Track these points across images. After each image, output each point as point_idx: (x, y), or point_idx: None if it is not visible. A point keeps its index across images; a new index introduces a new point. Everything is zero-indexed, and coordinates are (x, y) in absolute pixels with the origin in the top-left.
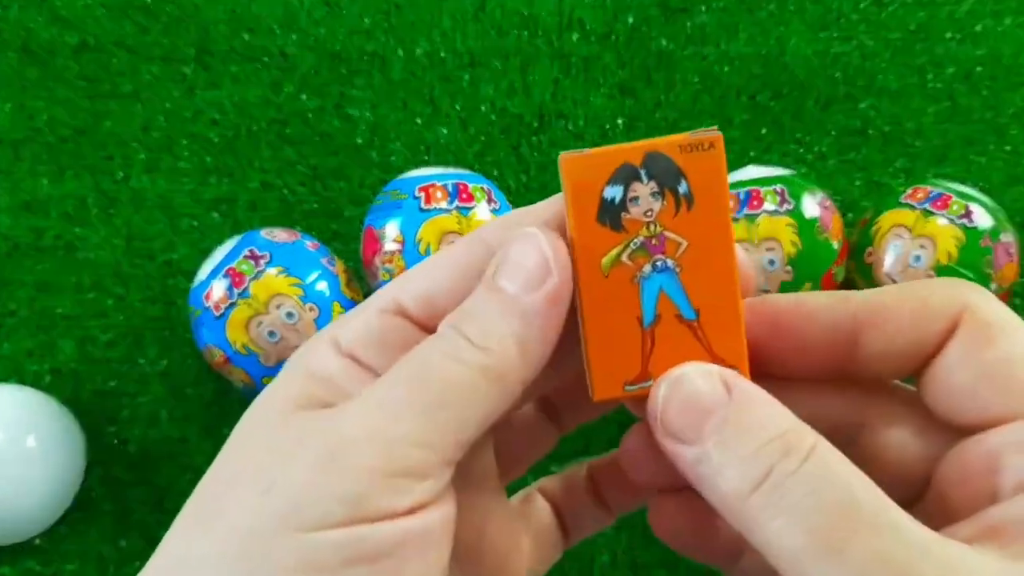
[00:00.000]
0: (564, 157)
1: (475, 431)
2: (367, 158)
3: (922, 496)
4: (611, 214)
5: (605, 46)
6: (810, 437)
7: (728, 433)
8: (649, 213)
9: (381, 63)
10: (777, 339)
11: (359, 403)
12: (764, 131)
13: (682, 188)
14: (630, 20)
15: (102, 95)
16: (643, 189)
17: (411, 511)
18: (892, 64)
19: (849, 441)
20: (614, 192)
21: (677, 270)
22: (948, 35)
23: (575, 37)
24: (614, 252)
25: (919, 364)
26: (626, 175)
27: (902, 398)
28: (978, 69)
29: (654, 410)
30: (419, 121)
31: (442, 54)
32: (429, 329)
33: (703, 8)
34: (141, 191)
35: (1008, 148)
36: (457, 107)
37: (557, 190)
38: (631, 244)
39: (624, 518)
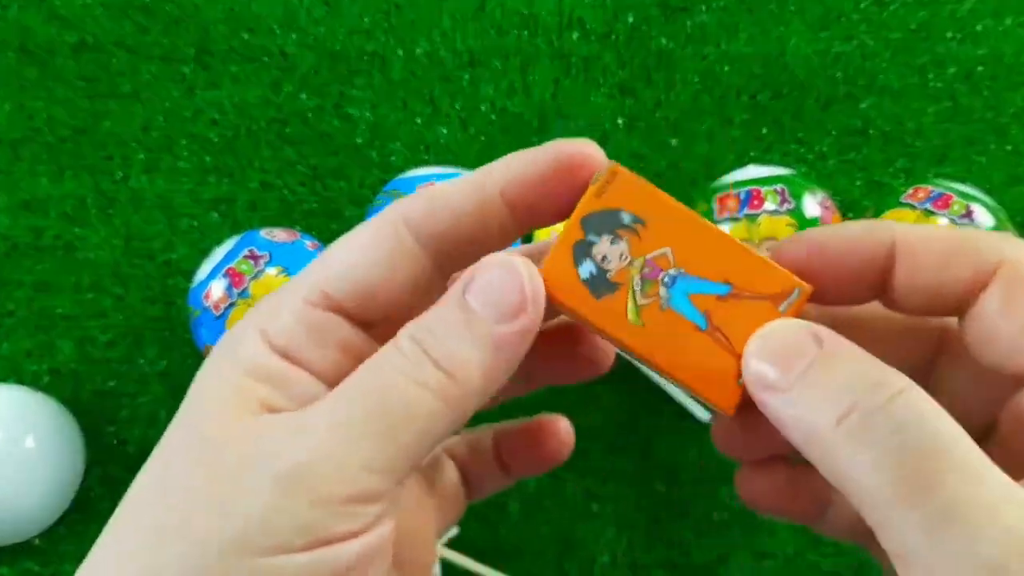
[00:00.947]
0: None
1: (428, 452)
2: (367, 158)
3: (988, 440)
4: (600, 284)
5: (605, 46)
6: (901, 380)
7: (815, 374)
8: (623, 257)
9: (381, 63)
10: (822, 268)
11: (314, 422)
12: (764, 131)
13: (626, 219)
14: (630, 19)
15: (101, 95)
16: (603, 247)
17: (366, 529)
18: (893, 64)
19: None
20: (588, 269)
21: (682, 270)
22: (949, 35)
23: (575, 37)
24: (630, 306)
25: (950, 306)
26: (583, 250)
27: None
28: (979, 69)
29: (748, 366)
30: (419, 121)
31: (442, 54)
32: (359, 320)
33: (703, 8)
34: (140, 191)
35: (1009, 148)
36: (457, 107)
37: None
38: (634, 288)
39: (624, 519)
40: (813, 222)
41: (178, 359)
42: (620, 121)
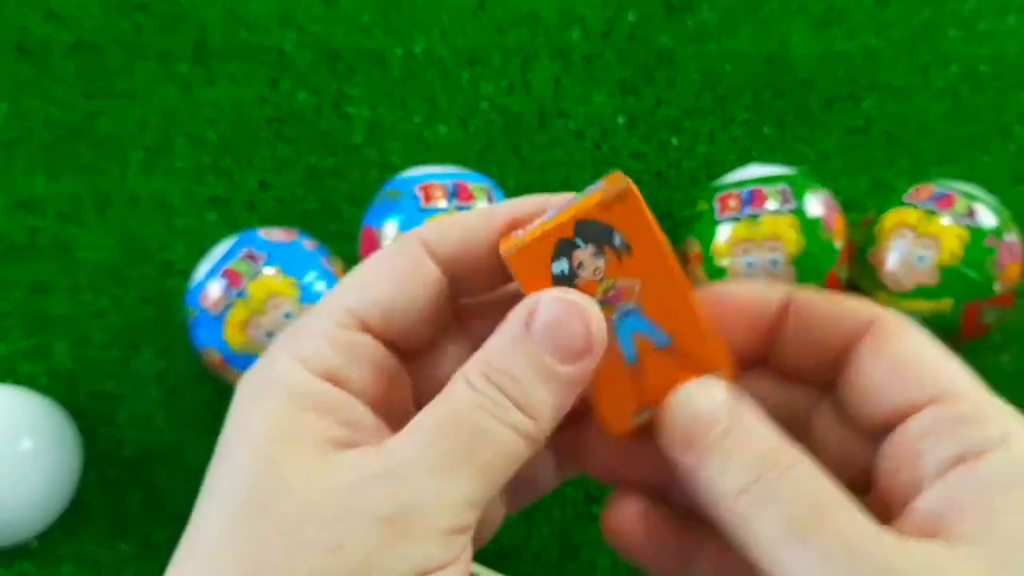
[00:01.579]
0: (505, 252)
1: (505, 484)
2: (366, 157)
3: (868, 491)
4: (564, 284)
5: (606, 44)
6: (796, 451)
7: (728, 444)
8: (597, 272)
9: (380, 61)
10: (721, 316)
11: (406, 461)
12: (767, 130)
13: (616, 241)
14: (631, 17)
15: (98, 94)
16: (584, 255)
17: (460, 556)
18: (896, 62)
19: (801, 433)
20: (560, 267)
21: (640, 309)
22: (952, 33)
23: (576, 35)
24: None
25: (831, 360)
26: (566, 248)
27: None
28: (982, 68)
29: (664, 428)
30: (418, 120)
31: (441, 52)
32: (383, 339)
33: (705, 5)
34: (137, 190)
35: (1013, 147)
36: (456, 105)
37: (557, 189)
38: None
39: None
40: (815, 221)
41: (175, 360)
42: (621, 120)
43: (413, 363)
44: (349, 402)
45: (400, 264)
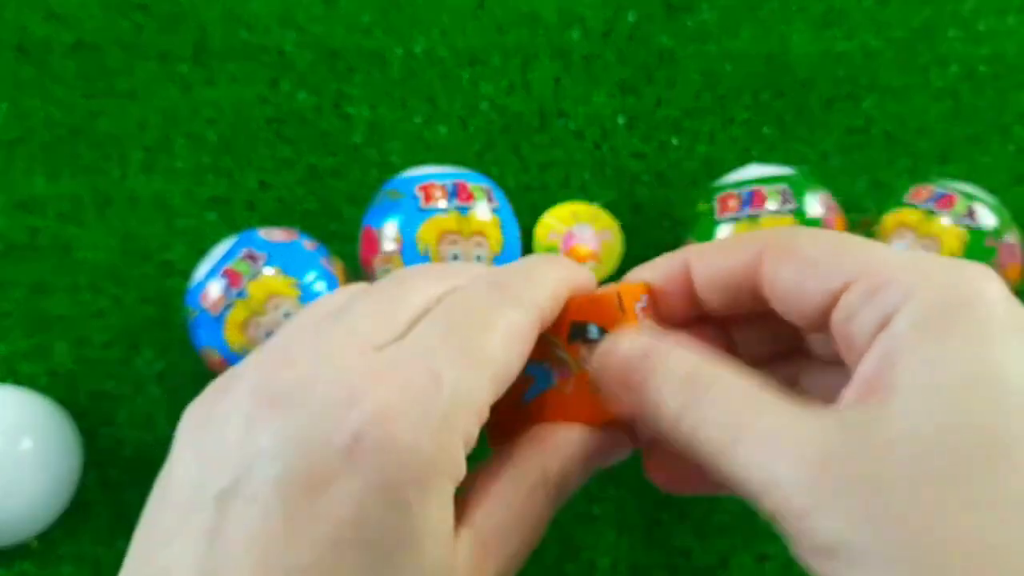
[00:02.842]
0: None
1: None
2: (365, 157)
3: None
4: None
5: (606, 44)
6: (712, 367)
7: (654, 379)
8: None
9: (380, 61)
10: (702, 272)
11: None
12: (766, 130)
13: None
14: (631, 17)
15: (98, 94)
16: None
17: None
18: (895, 62)
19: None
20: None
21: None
22: (952, 33)
23: (576, 34)
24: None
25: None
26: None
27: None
28: (982, 68)
29: (602, 379)
30: (418, 120)
31: (441, 52)
32: None
33: (705, 5)
34: (137, 191)
35: (1012, 147)
36: (456, 105)
37: (557, 189)
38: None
39: (625, 522)
40: (815, 222)
41: (176, 360)
42: (621, 120)
43: None
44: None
45: (531, 339)
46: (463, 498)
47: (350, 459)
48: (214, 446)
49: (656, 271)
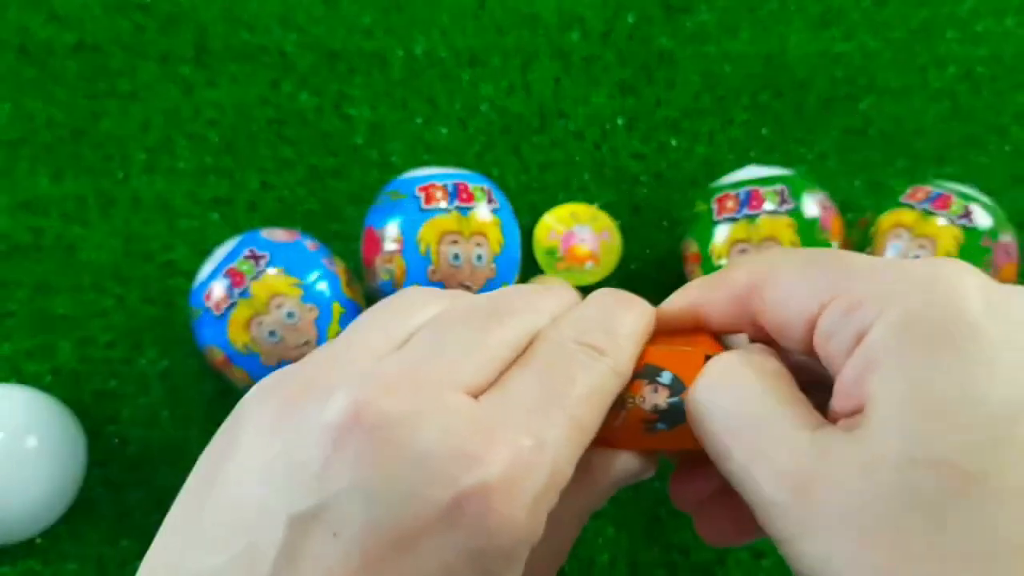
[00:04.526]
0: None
1: None
2: (366, 158)
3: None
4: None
5: (606, 44)
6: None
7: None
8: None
9: (380, 62)
10: (711, 301)
11: None
12: (765, 131)
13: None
14: (631, 19)
15: (100, 95)
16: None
17: None
18: (893, 63)
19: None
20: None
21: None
22: (950, 34)
23: (576, 35)
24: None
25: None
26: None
27: None
28: (979, 69)
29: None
30: (419, 120)
31: (442, 53)
32: None
33: (704, 7)
34: (140, 191)
35: (1009, 148)
36: (457, 106)
37: (557, 189)
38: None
39: (624, 518)
40: (813, 222)
41: (179, 359)
42: (620, 120)
43: None
44: None
45: (613, 399)
46: None
47: (448, 520)
48: (293, 456)
49: (666, 317)
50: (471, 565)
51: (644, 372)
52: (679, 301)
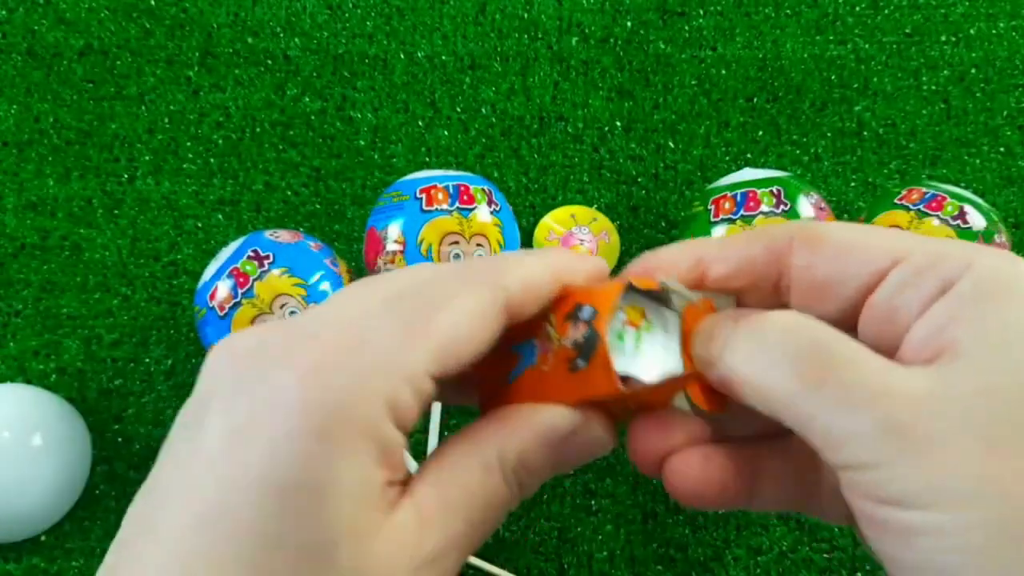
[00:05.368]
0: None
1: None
2: (369, 160)
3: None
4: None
5: (604, 49)
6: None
7: (732, 344)
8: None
9: (383, 66)
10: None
11: (448, 552)
12: (760, 133)
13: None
14: (628, 24)
15: (107, 97)
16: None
17: None
18: (887, 67)
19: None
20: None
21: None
22: (943, 38)
23: (574, 40)
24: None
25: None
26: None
27: None
28: (972, 72)
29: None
30: (420, 123)
31: (443, 57)
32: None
33: (700, 12)
34: (146, 192)
35: (1002, 150)
36: (458, 109)
37: (556, 191)
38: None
39: (622, 515)
40: None
41: (183, 358)
42: (618, 123)
43: None
44: (403, 451)
45: (488, 319)
46: (416, 474)
47: (271, 407)
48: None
49: (662, 263)
50: (291, 446)
51: (570, 313)
52: (682, 248)
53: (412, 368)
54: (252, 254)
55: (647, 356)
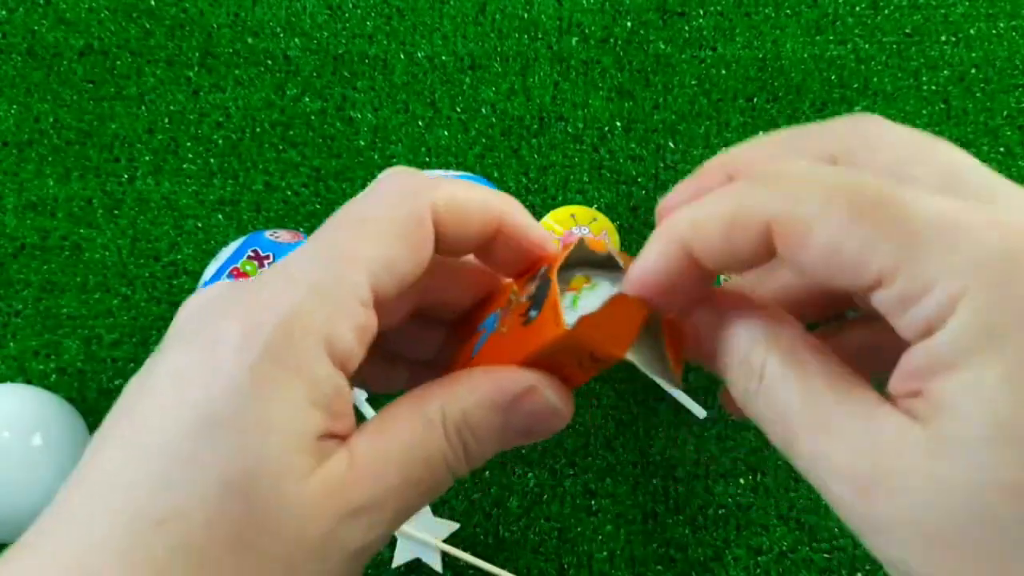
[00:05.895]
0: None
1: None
2: (369, 160)
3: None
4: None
5: (604, 49)
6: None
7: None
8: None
9: (383, 66)
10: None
11: (381, 502)
12: (760, 133)
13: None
14: (628, 24)
15: (107, 97)
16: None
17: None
18: (887, 67)
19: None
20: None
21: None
22: (943, 38)
23: (574, 41)
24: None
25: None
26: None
27: None
28: (972, 72)
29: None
30: (420, 123)
31: (443, 57)
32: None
33: (700, 12)
34: (146, 192)
35: (1002, 150)
36: (458, 109)
37: (556, 191)
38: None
39: (622, 515)
40: None
41: None
42: (618, 124)
43: None
44: (347, 393)
45: (416, 240)
46: (357, 429)
47: (212, 350)
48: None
49: (648, 266)
50: (218, 381)
51: (532, 276)
52: (662, 254)
53: (344, 298)
54: (252, 254)
55: (590, 301)
